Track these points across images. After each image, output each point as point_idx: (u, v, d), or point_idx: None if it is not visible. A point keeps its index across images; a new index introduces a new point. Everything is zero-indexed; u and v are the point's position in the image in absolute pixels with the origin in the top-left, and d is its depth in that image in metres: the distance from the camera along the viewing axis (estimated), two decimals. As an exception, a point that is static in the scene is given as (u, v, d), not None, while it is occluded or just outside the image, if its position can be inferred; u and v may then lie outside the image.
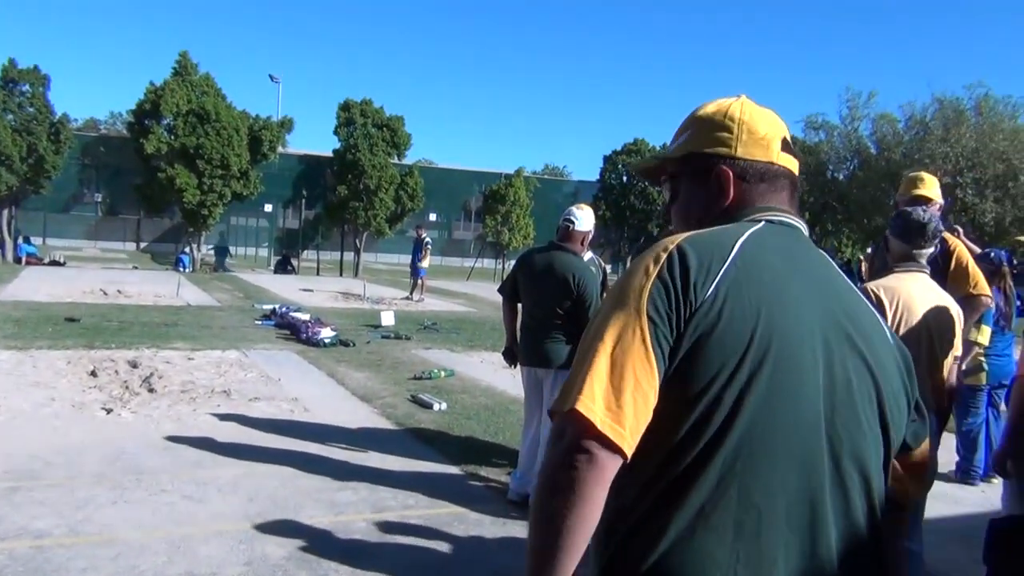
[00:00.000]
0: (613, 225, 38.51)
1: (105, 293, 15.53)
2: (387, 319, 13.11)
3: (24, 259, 23.31)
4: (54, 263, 23.69)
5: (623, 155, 38.76)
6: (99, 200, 40.37)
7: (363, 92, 62.30)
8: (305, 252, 34.51)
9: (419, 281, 19.48)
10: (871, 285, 3.42)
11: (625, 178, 39.00)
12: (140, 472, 5.07)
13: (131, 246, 39.63)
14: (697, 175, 1.46)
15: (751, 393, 1.19)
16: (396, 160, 30.21)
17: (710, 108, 1.48)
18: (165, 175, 24.69)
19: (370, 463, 5.59)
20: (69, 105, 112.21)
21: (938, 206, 4.48)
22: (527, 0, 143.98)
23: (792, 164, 1.46)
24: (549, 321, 4.87)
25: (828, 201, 30.28)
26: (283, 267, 28.11)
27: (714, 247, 1.27)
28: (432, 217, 36.78)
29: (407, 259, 23.03)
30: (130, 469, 5.12)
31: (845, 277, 1.41)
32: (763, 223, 1.37)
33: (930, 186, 4.58)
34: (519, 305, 5.21)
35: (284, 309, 13.21)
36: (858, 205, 28.62)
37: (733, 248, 1.27)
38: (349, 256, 30.07)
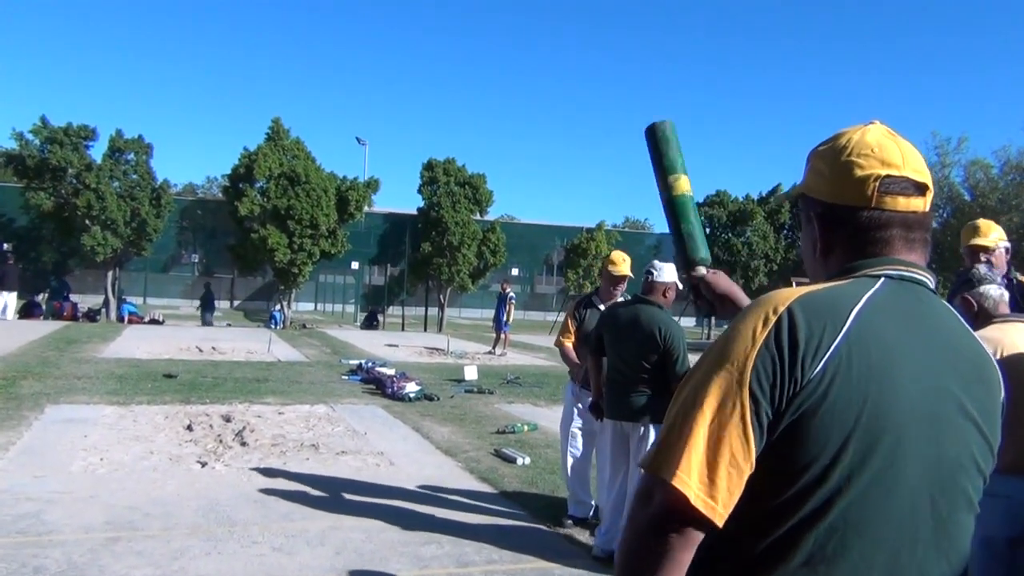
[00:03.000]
0: (696, 277, 37.98)
1: (200, 350, 16.09)
2: (470, 373, 13.20)
3: (126, 318, 24.35)
4: (154, 321, 24.66)
5: (704, 207, 38.46)
6: (196, 261, 42.14)
7: (446, 152, 63.58)
8: (390, 308, 35.12)
9: (502, 335, 19.57)
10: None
11: (708, 230, 38.65)
12: (232, 524, 5.20)
13: (225, 304, 41.00)
14: (805, 218, 1.39)
15: (852, 480, 1.15)
16: (478, 217, 30.68)
17: (823, 143, 1.37)
18: (258, 235, 25.64)
19: (454, 517, 5.60)
20: (170, 171, 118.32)
21: (1003, 248, 4.57)
22: (601, 60, 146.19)
23: (906, 205, 1.29)
24: (635, 375, 4.84)
25: (921, 249, 29.44)
26: (370, 323, 28.63)
27: (827, 314, 1.19)
28: (514, 271, 37.02)
29: (490, 313, 23.19)
30: (223, 521, 5.26)
31: (970, 332, 1.33)
32: (883, 280, 1.26)
33: (985, 232, 4.63)
34: (604, 359, 5.19)
35: (370, 364, 13.44)
36: (953, 253, 27.68)
37: (848, 317, 1.19)
38: (433, 311, 30.48)
